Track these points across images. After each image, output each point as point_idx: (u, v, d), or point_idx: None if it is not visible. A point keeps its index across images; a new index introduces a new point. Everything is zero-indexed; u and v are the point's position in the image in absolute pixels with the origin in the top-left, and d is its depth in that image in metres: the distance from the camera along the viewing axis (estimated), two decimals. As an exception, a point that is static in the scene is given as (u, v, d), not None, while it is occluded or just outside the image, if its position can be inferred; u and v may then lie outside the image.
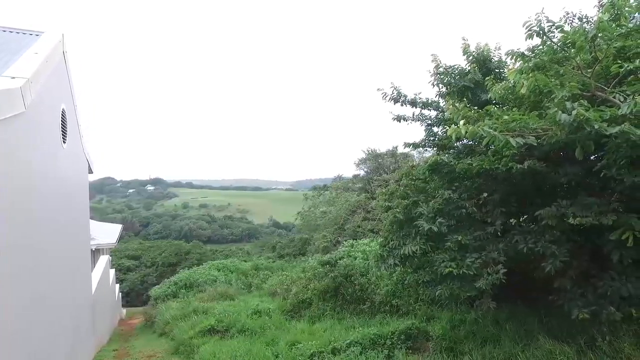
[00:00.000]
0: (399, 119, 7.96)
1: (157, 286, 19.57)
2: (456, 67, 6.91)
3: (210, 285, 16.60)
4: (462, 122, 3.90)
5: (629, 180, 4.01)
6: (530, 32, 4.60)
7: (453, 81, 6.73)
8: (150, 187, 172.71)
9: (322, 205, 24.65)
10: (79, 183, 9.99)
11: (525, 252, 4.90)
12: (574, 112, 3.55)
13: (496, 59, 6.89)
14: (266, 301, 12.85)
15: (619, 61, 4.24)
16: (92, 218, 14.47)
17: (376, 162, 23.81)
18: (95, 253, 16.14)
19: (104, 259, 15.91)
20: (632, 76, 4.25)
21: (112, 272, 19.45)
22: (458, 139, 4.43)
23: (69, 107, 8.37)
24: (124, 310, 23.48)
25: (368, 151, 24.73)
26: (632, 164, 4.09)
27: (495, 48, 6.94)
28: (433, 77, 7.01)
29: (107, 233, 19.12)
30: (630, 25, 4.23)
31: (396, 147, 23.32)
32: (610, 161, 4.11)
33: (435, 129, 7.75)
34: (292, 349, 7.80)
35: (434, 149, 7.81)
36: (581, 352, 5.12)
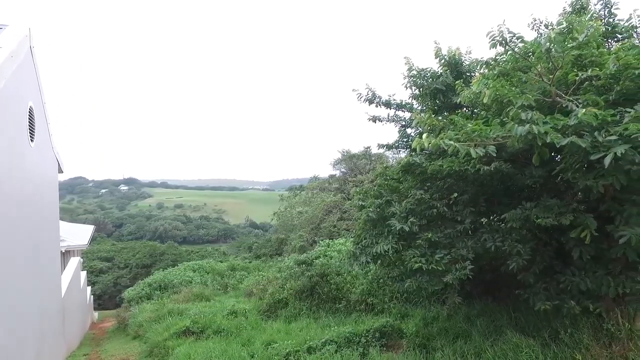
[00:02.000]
0: (374, 119, 8.08)
1: (130, 288, 19.15)
2: (428, 70, 7.07)
3: (186, 287, 16.38)
4: (424, 135, 4.04)
5: (582, 184, 4.23)
6: (493, 41, 4.82)
7: (425, 83, 6.88)
8: (123, 187, 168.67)
9: (298, 206, 24.71)
10: (48, 183, 9.69)
11: (493, 250, 5.08)
12: (527, 126, 3.74)
13: (467, 62, 7.08)
14: (242, 302, 12.79)
15: (575, 69, 4.47)
16: (62, 219, 14.05)
17: (351, 162, 24.09)
18: (66, 255, 15.67)
19: (74, 261, 15.46)
20: (587, 82, 4.48)
21: (84, 274, 18.92)
22: (422, 150, 4.58)
23: (37, 105, 8.12)
24: (96, 314, 22.89)
25: (343, 152, 25.00)
26: (585, 169, 4.31)
27: (466, 52, 7.14)
28: (406, 79, 7.14)
29: (78, 234, 18.59)
30: (582, 37, 4.47)
31: (369, 147, 23.67)
32: (567, 165, 4.33)
33: (408, 130, 7.91)
34: (267, 348, 7.79)
35: (408, 150, 7.96)
36: (545, 344, 5.34)
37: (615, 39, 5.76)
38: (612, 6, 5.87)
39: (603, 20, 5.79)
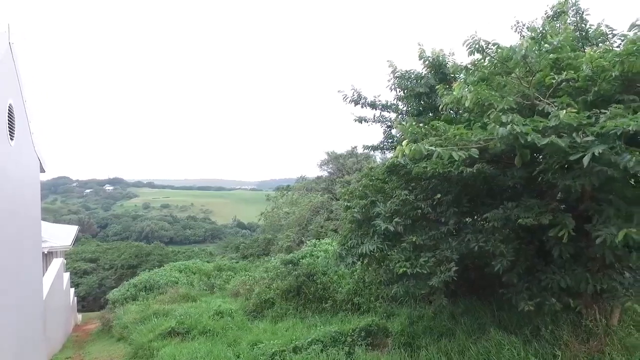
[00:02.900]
0: (360, 120, 8.12)
1: (115, 289, 18.91)
2: (412, 72, 7.13)
3: (172, 287, 16.25)
4: (405, 142, 4.09)
5: (562, 184, 4.32)
6: (470, 49, 4.94)
7: (410, 85, 6.94)
8: (109, 187, 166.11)
9: (285, 206, 24.67)
10: (29, 182, 9.49)
11: (477, 251, 5.15)
12: (508, 127, 3.82)
13: (450, 64, 7.16)
14: (229, 302, 12.76)
15: (553, 73, 4.58)
16: (45, 219, 13.80)
17: (338, 162, 24.16)
18: (48, 256, 15.39)
19: (57, 262, 15.19)
20: (564, 83, 4.59)
21: (67, 275, 18.60)
22: (404, 157, 4.64)
23: (17, 103, 7.95)
24: (80, 316, 22.50)
25: (329, 153, 25.07)
26: (564, 169, 4.41)
27: (450, 53, 7.21)
28: (390, 81, 7.20)
29: (61, 235, 18.25)
30: (556, 41, 4.60)
31: (356, 147, 23.77)
32: (547, 166, 4.42)
33: (393, 131, 7.97)
34: (253, 348, 7.79)
35: (393, 150, 8.01)
36: (527, 341, 5.45)
37: (589, 45, 5.91)
38: (583, 13, 6.06)
39: (577, 26, 5.96)
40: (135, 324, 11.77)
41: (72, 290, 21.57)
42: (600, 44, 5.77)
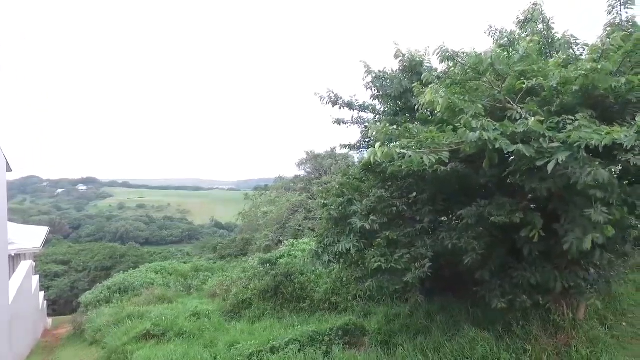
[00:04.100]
0: (338, 122, 8.17)
1: (88, 292, 18.42)
2: (386, 72, 7.20)
3: (147, 289, 15.99)
4: (377, 144, 4.16)
5: (528, 187, 4.48)
6: (442, 57, 5.10)
7: (385, 85, 7.01)
8: (82, 187, 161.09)
9: (263, 206, 24.57)
10: (-6, 182, 9.13)
11: (451, 248, 5.26)
12: (477, 133, 3.95)
13: (425, 73, 7.25)
14: (206, 303, 12.65)
15: (522, 79, 4.75)
16: (12, 220, 13.30)
17: (316, 162, 24.22)
18: (15, 259, 14.85)
19: (25, 265, 14.65)
20: (529, 98, 4.77)
21: (36, 278, 17.97)
22: (376, 161, 4.72)
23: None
24: (50, 320, 21.75)
25: (308, 152, 25.11)
26: (532, 171, 4.56)
27: (425, 53, 7.29)
28: (365, 79, 7.25)
29: (30, 236, 17.63)
30: (522, 51, 4.78)
31: (334, 148, 23.89)
32: (516, 168, 4.57)
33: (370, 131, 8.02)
34: (230, 349, 7.75)
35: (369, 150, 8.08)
36: (499, 337, 5.62)
37: (554, 53, 6.14)
38: (548, 21, 6.29)
39: (543, 34, 6.19)
40: (109, 327, 11.52)
41: (42, 293, 20.85)
42: (563, 53, 6.00)
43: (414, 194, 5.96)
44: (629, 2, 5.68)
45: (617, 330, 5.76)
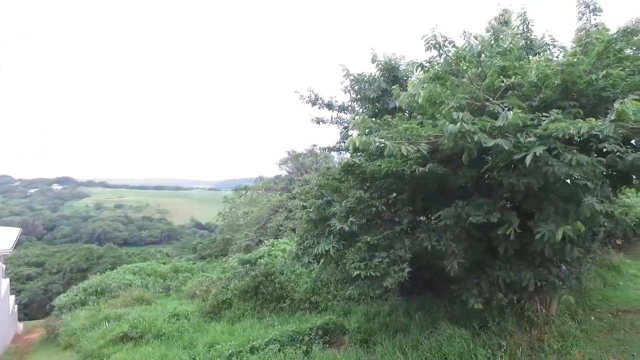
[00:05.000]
0: (317, 121, 8.19)
1: (63, 294, 17.90)
2: (365, 75, 7.26)
3: (125, 290, 15.68)
4: (355, 133, 4.20)
5: (507, 182, 4.58)
6: (428, 44, 5.10)
7: (363, 88, 7.07)
8: (57, 187, 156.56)
9: (244, 206, 24.40)
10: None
11: (430, 250, 5.32)
12: (457, 125, 4.00)
13: (403, 67, 7.35)
14: (185, 304, 12.52)
15: (501, 77, 4.85)
16: (-19, 221, 12.79)
17: (297, 162, 24.18)
18: (-16, 261, 14.29)
19: (-6, 268, 14.13)
20: (510, 92, 4.88)
21: (6, 282, 17.34)
22: (356, 150, 4.73)
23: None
24: (21, 325, 21.02)
25: (289, 152, 25.05)
26: (509, 167, 4.68)
27: (401, 57, 7.38)
28: (344, 83, 7.31)
29: (0, 238, 17.00)
30: (506, 45, 4.88)
31: (315, 147, 23.87)
32: (494, 164, 4.66)
33: (350, 132, 8.09)
34: (210, 350, 7.69)
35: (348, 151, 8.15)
36: (476, 334, 5.75)
37: (533, 53, 6.31)
38: (529, 23, 6.46)
39: (522, 35, 6.34)
40: (85, 330, 11.24)
41: (13, 297, 20.14)
42: (542, 54, 6.18)
43: (394, 194, 6.01)
44: (597, 10, 5.90)
45: (586, 324, 5.99)
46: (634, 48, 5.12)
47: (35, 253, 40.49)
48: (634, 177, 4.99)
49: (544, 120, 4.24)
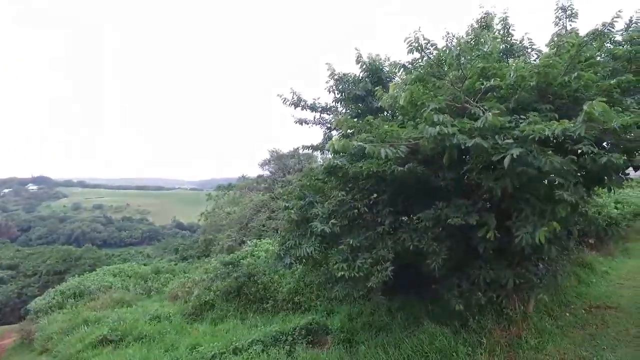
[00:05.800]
0: (300, 122, 8.20)
1: (39, 298, 17.42)
2: (350, 75, 7.32)
3: (105, 293, 15.36)
4: (335, 137, 4.23)
5: (486, 185, 4.68)
6: (410, 47, 5.18)
7: (348, 88, 7.12)
8: (32, 187, 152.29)
9: (227, 206, 24.22)
10: None
11: (412, 250, 5.38)
12: (437, 128, 4.08)
13: (387, 69, 7.43)
14: (166, 305, 12.36)
15: (482, 79, 4.96)
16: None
17: (280, 162, 24.14)
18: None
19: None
20: (489, 93, 4.99)
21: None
22: (336, 152, 4.76)
23: None
24: (-7, 331, 20.33)
25: (272, 152, 25.00)
26: (488, 169, 4.78)
27: (385, 59, 7.48)
28: (329, 83, 7.34)
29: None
30: (487, 48, 4.99)
31: (298, 148, 23.88)
32: (473, 166, 4.76)
33: (333, 132, 8.13)
34: (192, 352, 7.63)
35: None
36: (456, 332, 5.86)
37: (513, 57, 6.47)
38: (509, 27, 6.62)
39: (503, 38, 6.50)
40: (62, 334, 11.01)
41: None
42: (521, 57, 6.35)
43: (375, 195, 6.06)
44: (573, 15, 6.09)
45: (561, 320, 6.17)
46: (604, 55, 5.31)
47: (8, 255, 39.37)
48: (606, 178, 5.16)
49: (521, 122, 4.35)
